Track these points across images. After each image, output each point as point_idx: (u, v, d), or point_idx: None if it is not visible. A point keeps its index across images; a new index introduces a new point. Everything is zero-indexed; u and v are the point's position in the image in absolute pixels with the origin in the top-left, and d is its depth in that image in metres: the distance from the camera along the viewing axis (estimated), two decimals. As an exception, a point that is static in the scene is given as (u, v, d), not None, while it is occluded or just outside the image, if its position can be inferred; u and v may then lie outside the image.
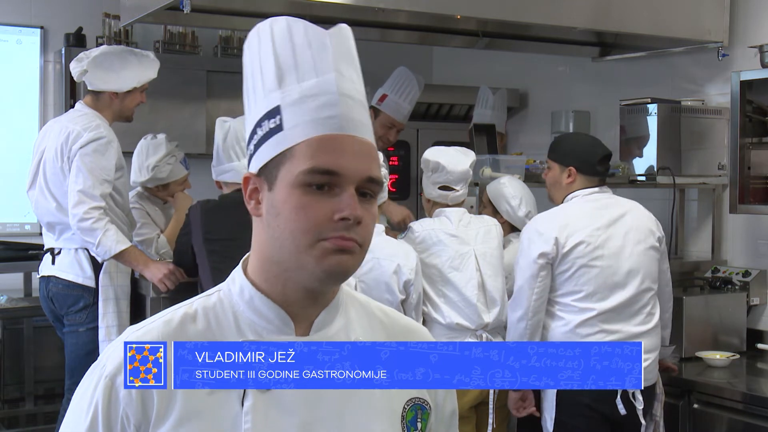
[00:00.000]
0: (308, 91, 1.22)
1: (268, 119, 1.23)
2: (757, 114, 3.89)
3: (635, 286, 3.15)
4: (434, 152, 3.59)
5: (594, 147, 3.30)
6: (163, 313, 1.27)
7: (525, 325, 3.15)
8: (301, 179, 1.19)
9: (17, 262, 4.85)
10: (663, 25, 4.12)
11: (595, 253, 3.12)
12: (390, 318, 1.39)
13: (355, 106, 1.24)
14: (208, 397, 1.20)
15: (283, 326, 1.25)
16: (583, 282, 3.12)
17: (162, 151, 4.06)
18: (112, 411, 1.19)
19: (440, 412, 1.38)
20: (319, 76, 1.22)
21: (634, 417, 3.11)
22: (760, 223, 4.22)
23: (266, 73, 1.25)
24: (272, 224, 1.22)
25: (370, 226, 1.22)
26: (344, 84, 1.23)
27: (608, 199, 3.27)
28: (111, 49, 3.80)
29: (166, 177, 4.09)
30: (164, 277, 3.51)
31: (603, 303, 3.11)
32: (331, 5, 3.54)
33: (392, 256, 3.31)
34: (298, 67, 1.23)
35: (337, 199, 1.19)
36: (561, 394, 3.10)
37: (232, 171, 3.41)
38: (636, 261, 3.16)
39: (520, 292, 3.18)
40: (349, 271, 1.22)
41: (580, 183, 3.27)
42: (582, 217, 3.18)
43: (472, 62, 5.87)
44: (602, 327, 3.11)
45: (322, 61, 1.23)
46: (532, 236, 3.19)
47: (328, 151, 1.19)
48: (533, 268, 3.14)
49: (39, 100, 5.38)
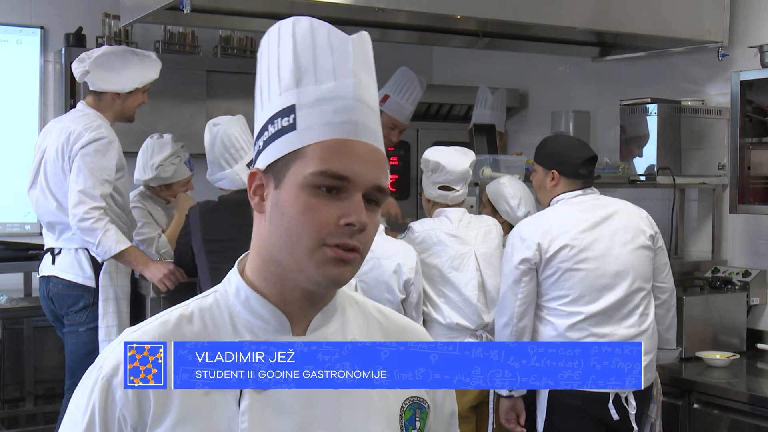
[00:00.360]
0: (326, 93, 1.21)
1: (281, 117, 1.23)
2: (757, 114, 3.89)
3: (625, 288, 3.10)
4: (434, 152, 3.59)
5: (576, 150, 3.25)
6: (159, 315, 1.27)
7: (510, 331, 3.12)
8: (311, 180, 1.18)
9: (17, 262, 4.85)
10: (663, 25, 4.12)
11: (579, 256, 3.08)
12: (387, 318, 1.39)
13: (369, 113, 1.24)
14: (204, 397, 1.20)
15: (280, 326, 1.25)
16: (569, 286, 3.08)
17: (167, 150, 4.06)
18: (108, 412, 1.19)
19: (439, 412, 1.38)
20: (337, 80, 1.22)
21: (627, 421, 3.07)
22: (760, 223, 4.22)
23: (284, 70, 1.24)
24: (275, 223, 1.21)
25: (372, 233, 1.22)
26: (362, 91, 1.23)
27: (594, 201, 3.21)
28: (113, 50, 3.80)
29: (169, 177, 4.09)
30: (164, 277, 3.51)
31: (591, 306, 3.07)
32: (331, 5, 3.54)
33: (392, 255, 3.31)
34: (318, 69, 1.23)
35: (345, 203, 1.18)
36: (552, 396, 3.07)
37: (225, 179, 3.44)
38: (624, 262, 3.11)
39: (504, 298, 3.15)
40: (347, 280, 1.22)
41: (563, 186, 3.23)
42: (566, 220, 3.14)
43: (472, 62, 5.87)
44: (591, 330, 3.06)
45: (342, 65, 1.23)
46: (515, 242, 3.16)
47: (340, 155, 1.19)
48: (515, 274, 3.11)
49: (39, 100, 5.38)
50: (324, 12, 3.68)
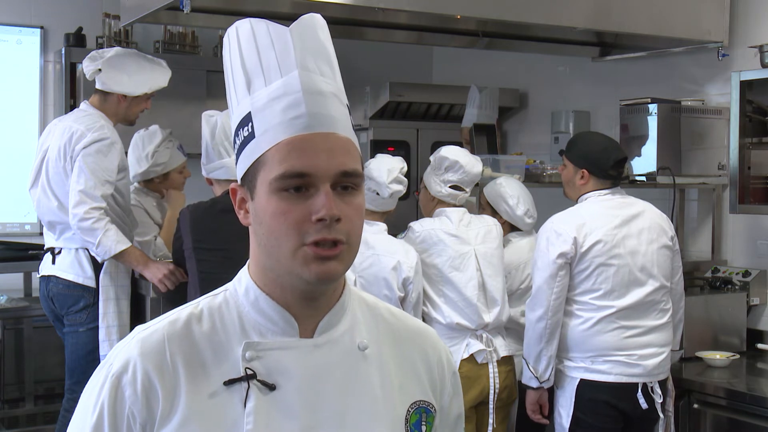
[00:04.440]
0: (274, 93, 1.21)
1: (241, 127, 1.23)
2: (757, 114, 3.89)
3: (651, 284, 3.22)
4: (452, 151, 3.58)
5: (608, 151, 3.32)
6: (170, 313, 1.27)
7: (544, 324, 3.20)
8: (276, 185, 1.18)
9: (17, 262, 4.85)
10: (663, 25, 4.11)
11: (612, 251, 3.18)
12: (398, 319, 1.38)
13: (323, 100, 1.21)
14: (211, 398, 1.20)
15: (288, 328, 1.25)
16: (602, 280, 3.18)
17: (158, 138, 4.06)
18: (118, 409, 1.19)
19: (446, 415, 1.38)
20: (284, 76, 1.21)
21: (649, 412, 3.19)
22: (760, 223, 4.22)
23: (237, 80, 1.25)
24: (258, 233, 1.22)
25: (354, 219, 1.21)
26: (310, 79, 1.21)
27: (622, 200, 3.32)
28: (125, 52, 3.81)
29: (167, 162, 4.07)
30: (164, 277, 3.50)
31: (621, 300, 3.18)
32: (331, 5, 3.54)
33: (392, 252, 3.32)
34: (264, 69, 1.22)
35: (312, 200, 1.18)
36: (580, 390, 3.17)
37: (223, 168, 3.35)
38: (651, 259, 3.23)
39: (539, 292, 3.22)
40: (338, 274, 1.22)
41: (592, 185, 3.32)
42: (598, 216, 3.23)
43: (472, 62, 5.87)
44: (620, 323, 3.18)
45: (284, 60, 1.21)
46: (550, 236, 3.23)
47: (297, 153, 1.18)
48: (552, 268, 3.18)
49: (39, 100, 5.38)
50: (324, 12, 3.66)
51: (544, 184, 4.11)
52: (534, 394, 3.30)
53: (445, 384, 1.38)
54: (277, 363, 1.22)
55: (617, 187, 3.35)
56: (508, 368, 3.49)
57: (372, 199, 3.36)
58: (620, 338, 3.16)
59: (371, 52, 5.64)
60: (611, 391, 3.15)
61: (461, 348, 3.40)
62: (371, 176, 3.35)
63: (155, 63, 3.82)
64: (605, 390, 3.15)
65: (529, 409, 3.33)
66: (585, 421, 3.17)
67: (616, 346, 3.16)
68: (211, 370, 1.21)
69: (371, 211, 3.39)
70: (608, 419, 3.17)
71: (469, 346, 3.40)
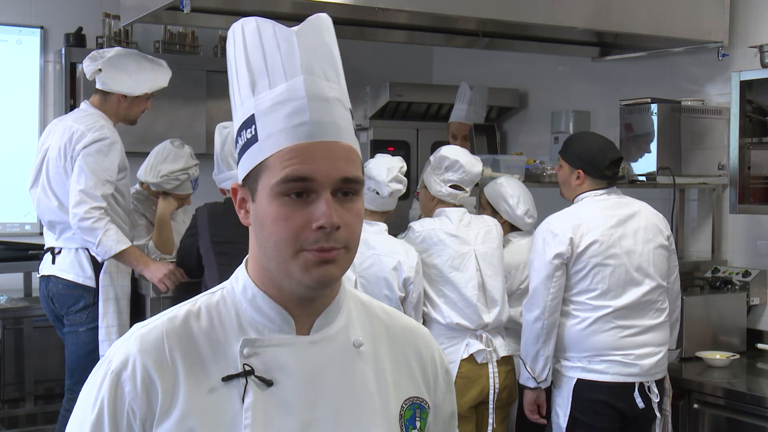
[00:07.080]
0: (278, 97, 1.21)
1: (245, 129, 1.23)
2: (757, 114, 3.89)
3: (648, 283, 3.22)
4: (453, 150, 3.58)
5: (604, 151, 3.32)
6: (168, 311, 1.28)
7: (541, 325, 3.20)
8: (277, 190, 1.19)
9: (17, 262, 4.85)
10: (663, 25, 4.11)
11: (608, 251, 3.19)
12: (392, 318, 1.40)
13: (327, 107, 1.22)
14: (209, 393, 1.21)
15: (285, 325, 1.26)
16: (598, 280, 3.19)
17: (180, 164, 4.05)
18: (118, 405, 1.20)
19: (439, 412, 1.39)
20: (288, 80, 1.21)
21: (646, 412, 3.19)
22: (760, 223, 4.22)
23: (241, 79, 1.25)
24: (258, 235, 1.23)
25: (354, 225, 1.22)
26: (315, 85, 1.22)
27: (618, 200, 3.32)
28: (126, 52, 3.81)
29: (174, 188, 4.08)
30: (164, 277, 3.51)
31: (617, 300, 3.18)
32: (331, 5, 3.54)
33: (393, 253, 3.32)
34: (269, 71, 1.22)
35: (314, 207, 1.19)
36: (577, 390, 3.18)
37: (231, 179, 3.40)
38: (647, 259, 3.23)
39: (535, 292, 3.22)
40: (336, 278, 1.23)
41: (588, 185, 3.33)
42: (594, 216, 3.24)
43: (472, 62, 5.87)
44: (617, 323, 3.18)
45: (290, 64, 1.22)
46: (546, 237, 3.23)
47: (300, 159, 1.18)
48: (549, 269, 3.19)
49: (39, 100, 5.38)
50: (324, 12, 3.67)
51: (544, 184, 4.11)
52: (531, 394, 3.30)
53: (438, 381, 1.40)
54: (274, 359, 1.23)
55: (613, 187, 3.35)
56: (507, 368, 3.49)
57: (372, 199, 3.36)
58: (617, 338, 3.17)
59: (371, 52, 5.64)
60: (608, 390, 3.16)
61: (461, 348, 3.40)
62: (371, 175, 3.35)
63: (156, 63, 3.82)
64: (602, 390, 3.16)
65: (526, 409, 3.34)
66: (582, 420, 3.18)
67: (612, 345, 3.16)
68: (209, 366, 1.23)
69: (371, 210, 3.39)
70: (605, 419, 3.17)
71: (469, 346, 3.40)
